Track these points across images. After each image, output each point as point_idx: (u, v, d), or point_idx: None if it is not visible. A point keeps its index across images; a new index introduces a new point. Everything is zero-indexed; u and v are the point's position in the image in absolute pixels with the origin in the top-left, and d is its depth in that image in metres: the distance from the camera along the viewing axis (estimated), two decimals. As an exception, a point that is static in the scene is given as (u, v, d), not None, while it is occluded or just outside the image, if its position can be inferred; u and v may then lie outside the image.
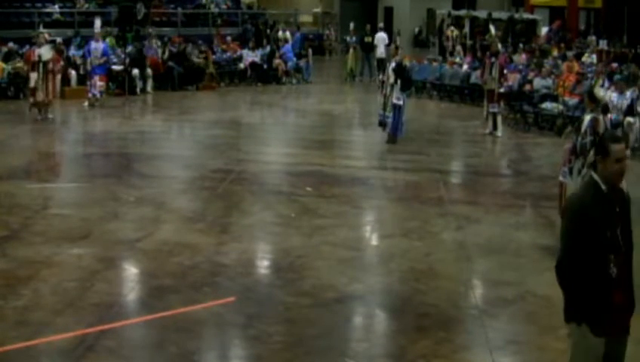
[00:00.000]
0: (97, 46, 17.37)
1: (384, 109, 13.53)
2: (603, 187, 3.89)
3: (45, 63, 15.08)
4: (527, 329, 6.13)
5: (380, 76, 17.77)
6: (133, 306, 6.60)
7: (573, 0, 32.82)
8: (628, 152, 13.04)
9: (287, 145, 14.23)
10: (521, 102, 15.99)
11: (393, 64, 13.48)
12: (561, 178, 7.87)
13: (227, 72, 22.18)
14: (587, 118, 7.59)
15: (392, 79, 13.26)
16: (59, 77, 16.13)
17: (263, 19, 29.92)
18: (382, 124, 13.62)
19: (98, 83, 17.09)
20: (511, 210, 9.78)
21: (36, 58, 15.12)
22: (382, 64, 22.43)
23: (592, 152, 7.47)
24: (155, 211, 9.22)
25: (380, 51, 22.54)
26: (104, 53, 17.50)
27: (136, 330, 6.11)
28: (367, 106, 18.27)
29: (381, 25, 24.90)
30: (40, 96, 15.08)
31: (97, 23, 17.95)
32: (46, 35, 15.84)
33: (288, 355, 5.59)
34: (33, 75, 15.12)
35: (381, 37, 22.91)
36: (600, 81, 15.23)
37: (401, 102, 13.23)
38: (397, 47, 14.21)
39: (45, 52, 15.17)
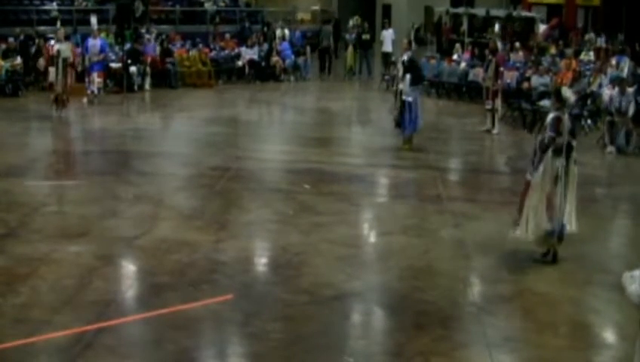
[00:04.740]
0: (95, 43, 17.56)
1: (397, 107, 13.05)
2: None
3: (65, 59, 15.32)
4: (526, 326, 6.13)
5: (386, 77, 17.64)
6: (132, 303, 6.60)
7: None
8: (629, 149, 13.10)
9: (286, 143, 14.20)
10: (519, 99, 15.99)
11: (404, 57, 13.07)
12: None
13: (225, 70, 22.14)
14: (550, 115, 7.56)
15: (400, 72, 12.94)
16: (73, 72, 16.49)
17: (261, 16, 29.88)
18: (398, 124, 13.07)
19: (96, 79, 17.21)
20: (509, 207, 9.74)
21: (55, 53, 15.30)
22: (386, 58, 22.61)
23: (550, 149, 7.40)
24: (153, 208, 9.21)
25: (387, 47, 22.79)
26: (102, 50, 17.69)
27: (134, 328, 6.11)
28: (366, 104, 18.30)
29: (386, 20, 26.27)
30: (59, 89, 15.27)
31: (93, 20, 18.09)
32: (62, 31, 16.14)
33: (286, 353, 5.59)
34: (52, 70, 15.38)
35: (388, 34, 23.33)
36: (598, 80, 15.26)
37: (410, 99, 12.76)
38: (410, 42, 13.87)
39: (65, 48, 15.40)
